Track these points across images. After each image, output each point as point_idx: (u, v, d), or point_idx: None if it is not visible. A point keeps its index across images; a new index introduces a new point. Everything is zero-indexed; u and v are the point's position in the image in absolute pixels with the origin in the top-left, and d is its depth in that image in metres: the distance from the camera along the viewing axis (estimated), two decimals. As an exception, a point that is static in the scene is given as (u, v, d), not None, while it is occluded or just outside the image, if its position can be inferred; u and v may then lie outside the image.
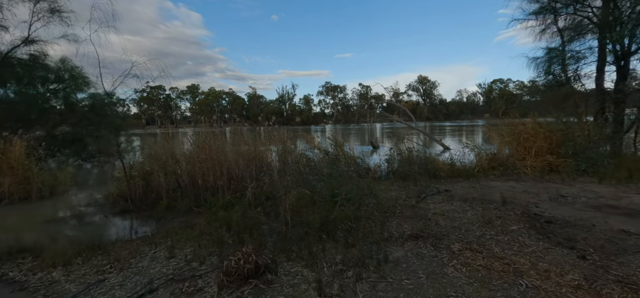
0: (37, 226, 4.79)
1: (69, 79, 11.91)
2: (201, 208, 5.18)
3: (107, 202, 5.97)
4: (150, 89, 69.65)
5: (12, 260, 3.41)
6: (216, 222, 4.32)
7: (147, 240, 3.90)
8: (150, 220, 4.88)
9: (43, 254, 3.50)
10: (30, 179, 6.43)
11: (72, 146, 11.07)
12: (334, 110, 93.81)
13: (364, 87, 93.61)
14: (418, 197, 4.67)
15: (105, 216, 5.19)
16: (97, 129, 12.48)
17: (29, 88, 10.82)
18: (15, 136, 9.09)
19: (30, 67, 9.03)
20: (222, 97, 79.92)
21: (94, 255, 3.44)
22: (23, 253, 3.60)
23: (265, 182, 5.27)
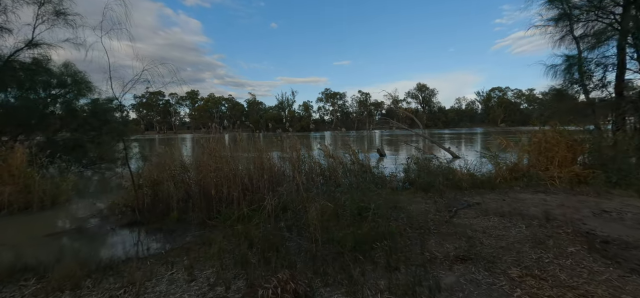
0: (39, 240, 4.45)
1: (71, 83, 11.64)
2: (215, 221, 4.87)
3: (113, 213, 5.63)
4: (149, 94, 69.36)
5: (14, 282, 3.07)
6: (235, 238, 4.02)
7: (161, 259, 3.58)
8: (161, 234, 4.55)
9: (48, 275, 3.17)
10: (31, 188, 6.09)
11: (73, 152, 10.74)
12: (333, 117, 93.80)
13: (363, 94, 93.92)
14: (449, 210, 4.38)
15: (112, 229, 4.86)
16: (99, 134, 12.19)
17: (30, 92, 10.54)
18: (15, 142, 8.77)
19: (33, 71, 8.74)
20: (221, 103, 79.72)
21: (105, 277, 3.11)
22: (25, 274, 3.27)
23: (282, 193, 4.98)
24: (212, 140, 6.46)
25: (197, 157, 6.57)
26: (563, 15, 7.49)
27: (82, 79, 11.81)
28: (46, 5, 7.30)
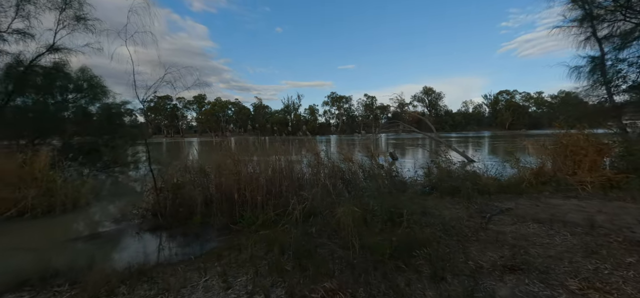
0: (65, 245, 4.42)
1: (87, 88, 11.76)
2: (239, 226, 4.80)
3: (135, 216, 5.60)
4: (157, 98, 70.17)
5: (48, 289, 3.02)
6: (263, 243, 3.93)
7: (191, 265, 3.51)
8: (186, 239, 4.49)
9: (81, 281, 3.12)
10: (53, 191, 6.10)
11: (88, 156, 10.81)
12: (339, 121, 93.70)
13: (369, 97, 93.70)
14: (483, 216, 4.23)
15: (137, 233, 4.81)
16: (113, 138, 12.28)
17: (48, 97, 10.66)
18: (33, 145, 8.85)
19: (53, 76, 8.85)
20: (228, 107, 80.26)
21: (139, 283, 3.04)
22: (57, 279, 3.23)
23: (306, 197, 4.89)
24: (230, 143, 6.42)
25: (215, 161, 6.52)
26: (586, 15, 7.31)
27: (97, 83, 11.93)
28: (67, 11, 7.37)
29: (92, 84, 11.81)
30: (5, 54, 7.01)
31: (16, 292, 2.96)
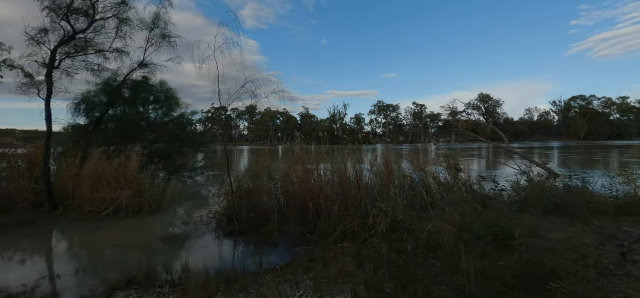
0: (157, 245, 4.69)
1: (164, 100, 13.01)
2: (315, 236, 4.63)
3: (213, 221, 5.80)
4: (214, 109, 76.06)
5: (152, 289, 3.13)
6: (347, 257, 3.68)
7: (279, 275, 3.39)
8: (265, 247, 4.44)
9: (180, 284, 3.18)
10: (142, 193, 6.66)
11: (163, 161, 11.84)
12: (386, 130, 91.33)
13: (417, 105, 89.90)
14: (620, 245, 3.43)
15: (217, 237, 4.93)
16: (183, 145, 13.34)
17: (135, 108, 12.01)
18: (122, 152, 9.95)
19: (142, 89, 9.90)
20: (277, 117, 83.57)
21: (234, 291, 2.99)
22: (157, 279, 3.35)
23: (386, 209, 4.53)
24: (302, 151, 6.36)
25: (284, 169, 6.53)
26: None
27: (172, 95, 13.13)
28: (155, 30, 8.18)
29: (168, 96, 13.04)
30: (107, 70, 8.00)
31: (126, 289, 3.11)
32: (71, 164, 7.38)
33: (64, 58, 6.99)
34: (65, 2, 6.31)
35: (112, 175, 6.87)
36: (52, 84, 6.56)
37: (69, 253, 4.47)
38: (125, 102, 11.33)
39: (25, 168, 7.48)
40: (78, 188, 6.90)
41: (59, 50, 6.62)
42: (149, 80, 9.70)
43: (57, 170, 7.77)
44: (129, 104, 11.69)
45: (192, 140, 13.95)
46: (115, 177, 6.92)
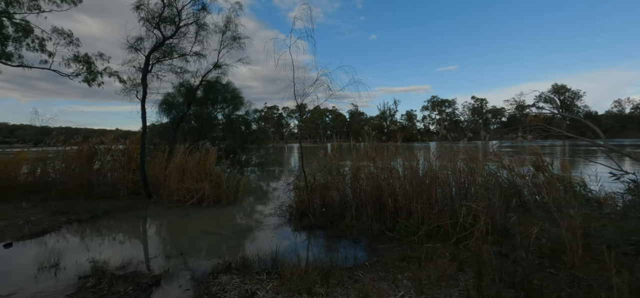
0: (243, 234, 4.93)
1: (230, 99, 13.91)
2: (395, 234, 4.41)
3: (286, 213, 5.93)
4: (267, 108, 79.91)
5: (251, 274, 3.25)
6: (444, 259, 3.39)
7: (368, 271, 3.26)
8: (345, 242, 4.35)
9: (276, 272, 3.25)
10: (220, 185, 7.14)
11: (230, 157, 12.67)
12: (440, 126, 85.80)
13: (477, 100, 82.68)
14: None
15: (294, 229, 5.01)
16: (246, 141, 14.11)
17: (204, 107, 13.08)
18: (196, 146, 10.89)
19: (212, 89, 10.71)
20: (325, 115, 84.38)
21: (331, 285, 2.94)
22: (252, 266, 3.47)
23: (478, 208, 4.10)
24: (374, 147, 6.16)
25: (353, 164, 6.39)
26: None
27: (237, 95, 13.97)
28: (227, 33, 8.72)
29: (233, 95, 13.91)
30: (187, 72, 8.80)
31: (227, 273, 3.28)
32: (160, 158, 8.28)
33: (155, 62, 7.84)
34: (157, 12, 7.07)
35: (194, 168, 7.51)
36: (146, 86, 7.40)
37: (169, 236, 4.95)
38: (198, 102, 12.40)
39: (125, 162, 8.60)
40: (167, 180, 7.69)
41: (151, 55, 7.44)
42: (220, 80, 10.42)
43: (148, 163, 8.79)
44: (201, 104, 12.78)
45: (255, 137, 14.73)
46: (197, 170, 7.55)
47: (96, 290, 2.97)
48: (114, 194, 7.92)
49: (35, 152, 9.85)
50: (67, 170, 8.79)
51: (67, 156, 9.02)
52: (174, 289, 3.02)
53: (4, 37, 10.29)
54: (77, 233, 4.97)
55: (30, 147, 10.45)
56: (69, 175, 8.58)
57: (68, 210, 6.09)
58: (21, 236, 4.63)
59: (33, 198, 7.56)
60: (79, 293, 2.91)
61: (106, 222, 5.62)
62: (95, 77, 12.44)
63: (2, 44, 10.16)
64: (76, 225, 5.32)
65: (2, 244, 4.28)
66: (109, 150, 9.06)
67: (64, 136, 10.07)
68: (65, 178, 8.50)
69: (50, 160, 9.17)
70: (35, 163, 9.18)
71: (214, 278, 3.18)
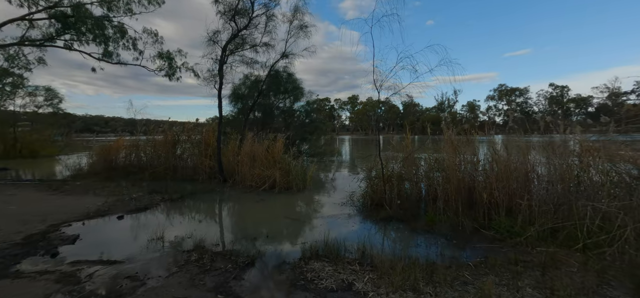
0: (320, 221, 4.87)
1: (291, 89, 14.17)
2: (493, 232, 3.87)
3: (360, 203, 5.73)
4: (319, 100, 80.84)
5: (341, 263, 3.11)
6: (572, 268, 2.81)
7: (474, 273, 2.86)
8: (436, 238, 3.96)
9: (369, 264, 3.06)
10: (289, 173, 7.24)
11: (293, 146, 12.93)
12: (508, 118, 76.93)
13: (556, 87, 71.97)
14: None
15: (374, 221, 4.76)
16: (306, 132, 14.25)
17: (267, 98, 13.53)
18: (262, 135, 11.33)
19: (281, 79, 10.97)
20: (378, 106, 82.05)
21: (437, 284, 2.63)
22: (340, 254, 3.33)
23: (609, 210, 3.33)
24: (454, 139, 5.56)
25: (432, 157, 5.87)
26: None
27: (298, 86, 14.15)
28: (294, 22, 8.76)
29: (295, 86, 14.13)
30: (256, 63, 9.10)
31: (318, 260, 3.18)
32: (232, 145, 8.76)
33: (229, 54, 8.24)
34: (233, 5, 7.36)
35: (263, 156, 7.75)
36: (222, 77, 7.83)
37: (250, 219, 5.13)
38: (260, 92, 12.88)
39: (202, 148, 9.31)
40: (239, 166, 8.10)
41: (227, 47, 7.83)
42: (287, 70, 10.62)
43: (221, 151, 9.39)
44: (264, 95, 13.25)
45: (314, 128, 14.84)
46: (266, 158, 7.78)
47: (200, 264, 3.13)
48: (194, 177, 8.63)
49: (128, 140, 11.27)
50: (155, 155, 9.88)
51: (155, 143, 10.13)
52: (269, 270, 3.03)
53: (105, 38, 11.93)
54: (171, 210, 5.45)
55: (125, 136, 12.00)
56: (157, 160, 9.63)
57: (161, 190, 6.77)
58: (129, 210, 5.24)
59: (131, 178, 8.64)
60: (187, 266, 3.09)
61: (193, 202, 6.09)
62: (175, 72, 13.77)
63: (105, 44, 11.80)
64: (169, 203, 5.86)
65: (116, 216, 4.88)
66: (189, 138, 9.91)
67: (153, 126, 11.32)
68: (155, 162, 9.57)
69: (142, 147, 10.41)
70: (130, 149, 10.50)
71: (306, 264, 3.11)
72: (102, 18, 11.61)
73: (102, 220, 4.76)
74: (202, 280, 2.79)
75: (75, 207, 5.33)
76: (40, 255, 3.32)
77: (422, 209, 5.07)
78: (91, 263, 3.13)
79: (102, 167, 9.80)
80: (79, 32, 11.31)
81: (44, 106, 18.56)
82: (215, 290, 2.64)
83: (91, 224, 4.52)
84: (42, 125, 18.03)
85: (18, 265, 3.07)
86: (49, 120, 18.77)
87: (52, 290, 2.57)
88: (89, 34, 11.44)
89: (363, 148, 28.26)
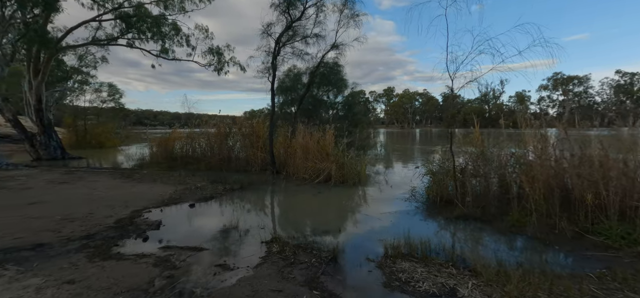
0: (389, 217, 4.63)
1: (335, 82, 13.94)
2: (602, 238, 3.36)
3: (425, 200, 5.39)
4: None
5: (431, 264, 2.87)
6: None
7: (600, 286, 2.45)
8: (532, 242, 3.54)
9: (467, 268, 2.79)
10: (344, 166, 7.08)
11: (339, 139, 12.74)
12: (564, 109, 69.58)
13: (624, 74, 63.62)
14: None
15: (447, 219, 4.42)
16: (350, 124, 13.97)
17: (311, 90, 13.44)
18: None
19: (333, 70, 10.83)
20: (415, 99, 78.98)
21: (555, 296, 2.29)
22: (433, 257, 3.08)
23: None
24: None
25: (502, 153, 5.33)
26: None
27: (342, 78, 13.87)
28: (345, 11, 8.49)
29: (338, 78, 13.88)
30: (307, 54, 9.01)
31: (405, 260, 2.97)
32: (283, 138, 8.81)
33: (281, 46, 8.23)
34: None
35: (315, 148, 7.66)
36: (276, 68, 7.86)
37: (314, 211, 5.07)
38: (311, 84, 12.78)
39: (254, 140, 9.50)
40: (291, 158, 8.12)
41: (280, 39, 7.82)
42: (337, 61, 10.43)
43: (273, 142, 9.50)
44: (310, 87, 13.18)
45: (358, 120, 14.53)
46: (318, 150, 7.69)
47: (283, 256, 3.07)
48: (246, 169, 8.84)
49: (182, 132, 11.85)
50: (209, 147, 10.30)
51: (208, 135, 10.56)
52: (355, 268, 2.88)
53: (162, 35, 12.63)
54: (235, 200, 5.58)
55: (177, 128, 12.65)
56: (211, 151, 10.03)
57: (220, 180, 6.99)
58: (197, 199, 5.44)
59: (188, 168, 9.08)
60: (270, 257, 3.06)
61: (253, 193, 6.19)
62: (223, 67, 14.24)
63: (162, 41, 12.52)
64: (231, 194, 6.00)
65: (188, 204, 5.08)
66: (239, 130, 10.18)
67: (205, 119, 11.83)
68: (209, 154, 9.98)
69: (196, 139, 10.91)
70: (186, 141, 11.06)
71: (393, 263, 2.91)
72: (159, 17, 12.31)
73: (176, 207, 4.98)
74: (291, 274, 2.72)
75: (149, 195, 5.66)
76: (133, 239, 3.51)
77: (499, 208, 4.61)
78: (180, 249, 3.23)
79: (162, 157, 10.46)
80: (139, 31, 12.11)
81: (107, 101, 20.39)
82: (308, 285, 2.55)
83: (168, 211, 4.74)
84: (105, 118, 19.84)
85: (117, 247, 3.26)
86: (111, 114, 20.60)
87: (154, 274, 2.65)
88: (148, 32, 12.20)
89: (402, 141, 27.35)
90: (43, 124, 11.54)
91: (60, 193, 5.70)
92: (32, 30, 9.08)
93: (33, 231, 3.63)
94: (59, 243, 3.29)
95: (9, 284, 2.42)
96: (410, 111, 77.53)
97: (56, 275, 2.58)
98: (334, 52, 9.18)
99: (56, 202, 5.03)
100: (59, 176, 7.53)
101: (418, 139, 31.48)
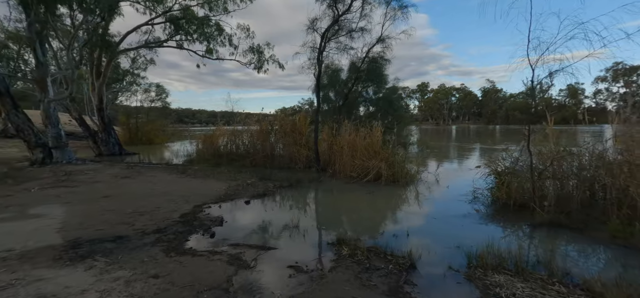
0: (457, 220, 4.29)
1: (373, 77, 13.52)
2: None
3: (490, 202, 4.93)
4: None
5: (532, 280, 2.51)
6: None
7: None
8: (633, 253, 3.01)
9: (582, 287, 2.40)
10: (394, 164, 6.76)
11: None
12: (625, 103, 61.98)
13: None
14: None
15: (530, 225, 3.97)
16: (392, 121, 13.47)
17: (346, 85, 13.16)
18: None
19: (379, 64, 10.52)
20: (451, 94, 75.15)
21: None
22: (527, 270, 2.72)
23: None
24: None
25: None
26: None
27: (381, 73, 13.41)
28: (391, 3, 8.11)
29: (377, 73, 13.45)
30: (352, 49, 8.78)
31: (498, 272, 2.64)
32: (328, 135, 8.66)
33: (327, 41, 8.07)
34: (335, -11, 7.11)
35: (362, 146, 7.40)
36: (322, 63, 7.72)
37: (371, 212, 4.85)
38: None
39: (297, 137, 9.47)
40: (337, 155, 7.93)
41: (326, 34, 7.66)
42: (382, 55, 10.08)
43: (316, 139, 9.39)
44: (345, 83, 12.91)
45: (400, 117, 14.00)
46: (366, 148, 7.42)
47: (356, 260, 2.89)
48: (290, 166, 8.82)
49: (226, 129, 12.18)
50: (252, 144, 10.46)
51: (251, 133, 10.73)
52: (440, 279, 2.62)
53: (207, 36, 13.09)
54: (288, 198, 5.53)
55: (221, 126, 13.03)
56: (254, 148, 10.17)
57: (269, 177, 7.01)
58: (251, 195, 5.47)
59: (234, 165, 9.27)
60: (342, 260, 2.90)
61: (304, 190, 6.13)
62: (263, 65, 14.45)
63: (207, 42, 12.97)
64: (282, 191, 5.96)
65: (243, 200, 5.11)
66: (281, 128, 10.20)
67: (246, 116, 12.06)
68: (252, 151, 10.13)
69: (239, 136, 11.14)
70: (230, 138, 11.34)
71: (484, 276, 2.60)
72: (204, 18, 12.76)
73: (232, 203, 5.03)
74: (370, 280, 2.53)
75: (205, 190, 5.80)
76: (201, 234, 3.54)
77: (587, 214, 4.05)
78: (249, 247, 3.18)
79: (208, 154, 10.83)
80: (187, 33, 12.66)
81: (155, 101, 21.75)
82: (392, 294, 2.34)
83: (225, 207, 4.80)
84: (154, 116, 21.18)
85: (188, 242, 3.30)
86: (158, 113, 21.94)
87: (231, 272, 2.61)
88: (195, 34, 12.71)
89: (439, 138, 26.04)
90: (104, 122, 12.52)
91: (125, 188, 6.05)
92: (97, 36, 9.82)
93: (110, 223, 3.81)
94: (136, 237, 3.40)
95: (100, 275, 2.50)
96: (446, 107, 73.88)
97: (140, 268, 2.63)
98: (379, 45, 8.87)
99: (124, 196, 5.33)
100: (121, 171, 8.05)
101: (454, 136, 29.84)
